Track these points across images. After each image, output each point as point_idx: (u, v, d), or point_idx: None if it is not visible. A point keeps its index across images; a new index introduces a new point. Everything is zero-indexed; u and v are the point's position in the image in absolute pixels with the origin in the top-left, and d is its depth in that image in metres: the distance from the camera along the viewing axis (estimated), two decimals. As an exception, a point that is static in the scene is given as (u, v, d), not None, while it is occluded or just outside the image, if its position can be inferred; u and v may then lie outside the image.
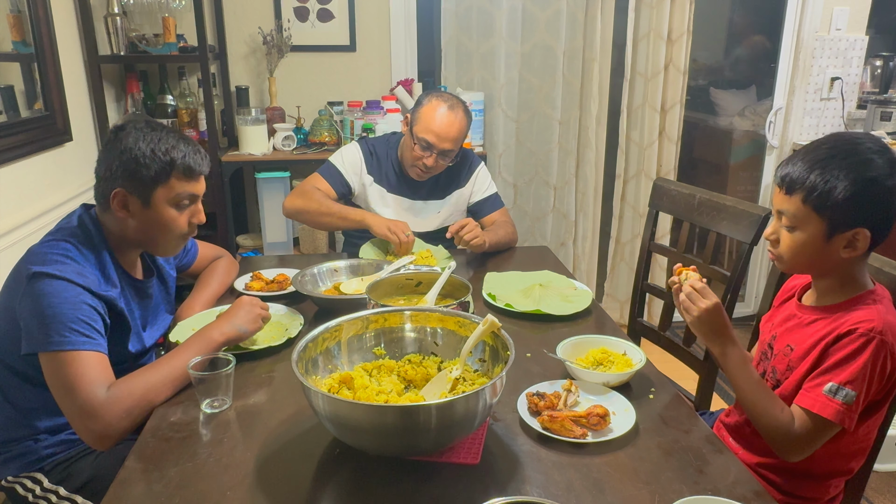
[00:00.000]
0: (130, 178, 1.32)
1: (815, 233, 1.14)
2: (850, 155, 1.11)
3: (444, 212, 2.22)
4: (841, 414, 1.10)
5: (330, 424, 1.03)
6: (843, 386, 1.10)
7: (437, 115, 2.02)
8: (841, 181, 1.09)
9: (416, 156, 2.05)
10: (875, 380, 1.11)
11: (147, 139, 1.33)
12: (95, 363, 1.21)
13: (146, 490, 1.01)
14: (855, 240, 1.12)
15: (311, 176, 2.17)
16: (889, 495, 2.24)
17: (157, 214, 1.36)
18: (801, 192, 1.12)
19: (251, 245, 3.01)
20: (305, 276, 1.74)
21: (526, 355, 1.42)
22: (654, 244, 2.00)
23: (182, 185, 1.37)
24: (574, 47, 3.12)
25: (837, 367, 1.11)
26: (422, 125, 2.03)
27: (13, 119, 2.06)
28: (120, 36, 2.62)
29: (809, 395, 1.14)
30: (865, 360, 1.09)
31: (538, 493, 1.00)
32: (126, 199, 1.34)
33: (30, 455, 1.36)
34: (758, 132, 3.66)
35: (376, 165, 2.18)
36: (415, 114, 2.07)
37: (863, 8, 3.25)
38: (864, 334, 1.10)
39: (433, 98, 2.06)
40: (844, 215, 1.10)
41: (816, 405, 1.12)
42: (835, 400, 1.10)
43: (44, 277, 1.23)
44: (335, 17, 3.02)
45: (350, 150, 2.20)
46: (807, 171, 1.12)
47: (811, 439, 1.14)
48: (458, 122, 2.04)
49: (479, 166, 2.27)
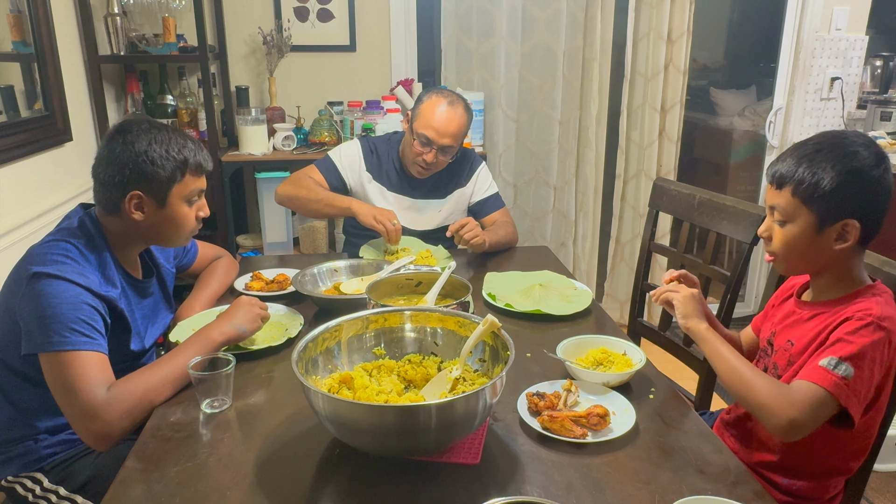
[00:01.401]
0: (147, 180, 1.33)
1: (806, 226, 1.15)
2: (835, 148, 1.13)
3: (445, 210, 2.22)
4: (838, 387, 1.07)
5: (330, 424, 1.03)
6: (842, 360, 1.09)
7: (437, 111, 2.02)
8: (827, 172, 1.11)
9: (417, 152, 2.06)
10: (876, 367, 1.11)
11: (158, 141, 1.34)
12: (95, 363, 1.21)
13: (146, 490, 1.01)
14: (845, 231, 1.14)
15: (307, 167, 2.18)
16: (889, 495, 2.24)
17: (171, 213, 1.38)
18: (790, 186, 1.15)
19: (251, 245, 3.02)
20: (305, 276, 1.75)
21: (526, 355, 1.42)
22: (654, 244, 2.00)
23: (194, 181, 1.40)
24: (574, 47, 3.12)
25: (836, 344, 1.11)
26: (422, 121, 2.04)
27: (13, 119, 2.06)
28: (120, 36, 2.62)
29: (807, 369, 1.12)
30: (865, 343, 1.09)
31: (538, 493, 1.00)
32: (142, 202, 1.35)
33: (30, 455, 1.36)
34: (758, 132, 3.66)
35: (376, 163, 2.18)
36: (415, 110, 2.08)
37: (863, 8, 3.25)
38: (863, 318, 1.11)
39: (433, 94, 2.07)
40: (832, 206, 1.12)
41: (814, 375, 1.09)
42: (833, 372, 1.08)
43: (44, 277, 1.23)
44: (335, 17, 3.02)
45: (350, 146, 2.21)
46: (795, 166, 1.15)
47: (809, 412, 1.08)
48: (457, 118, 2.04)
49: (480, 166, 2.27)
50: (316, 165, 2.17)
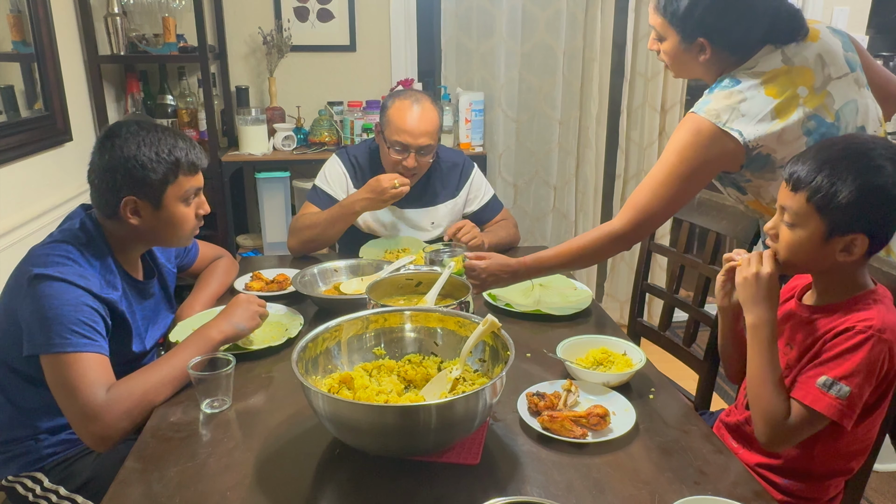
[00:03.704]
0: (139, 184, 1.32)
1: (814, 232, 1.13)
2: (860, 159, 1.10)
3: (437, 221, 2.18)
4: (834, 409, 1.09)
5: (330, 424, 1.03)
6: (837, 380, 1.09)
7: (405, 114, 1.97)
8: (847, 185, 1.08)
9: (395, 160, 2.00)
10: (873, 379, 1.11)
11: (147, 143, 1.32)
12: (96, 365, 1.21)
13: (146, 490, 1.01)
14: (852, 245, 1.12)
15: (302, 206, 2.13)
16: (889, 495, 2.24)
17: (168, 214, 1.37)
18: (806, 191, 1.12)
19: (251, 245, 3.02)
20: (305, 276, 1.75)
21: (526, 355, 1.42)
22: (654, 244, 2.00)
23: (188, 180, 1.38)
24: (574, 47, 3.12)
25: (832, 361, 1.11)
26: (392, 128, 1.98)
27: (13, 119, 2.06)
28: (120, 36, 2.62)
29: (803, 387, 1.13)
30: (862, 358, 1.09)
31: (538, 493, 1.00)
32: (137, 206, 1.34)
33: (30, 455, 1.36)
34: (758, 132, 3.65)
35: (361, 176, 2.12)
36: (382, 119, 2.03)
37: (863, 8, 3.25)
38: (863, 331, 1.10)
39: (396, 99, 2.01)
40: (845, 219, 1.10)
41: (808, 397, 1.11)
42: (828, 394, 1.09)
43: (45, 279, 1.23)
44: (335, 17, 3.02)
45: (332, 166, 2.15)
46: (815, 171, 1.11)
47: (798, 430, 1.12)
48: (426, 114, 1.98)
49: (472, 173, 2.22)
50: (308, 199, 2.12)
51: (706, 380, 1.74)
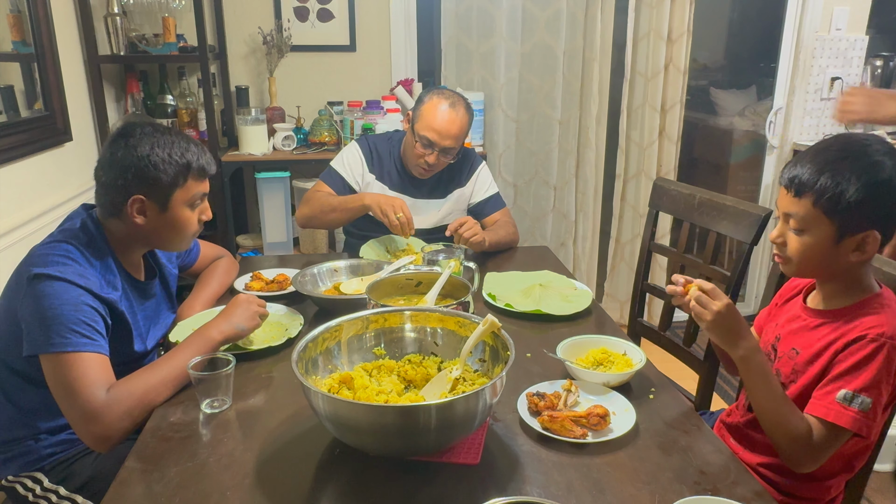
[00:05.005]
0: (149, 184, 1.33)
1: (825, 236, 1.13)
2: (860, 157, 1.10)
3: (444, 210, 2.22)
4: (858, 422, 1.08)
5: (330, 424, 1.03)
6: (859, 393, 1.08)
7: (439, 113, 2.02)
8: (852, 184, 1.08)
9: (418, 153, 2.05)
10: (890, 386, 1.11)
11: (161, 144, 1.33)
12: (96, 365, 1.21)
13: (146, 490, 1.01)
14: (865, 242, 1.11)
15: (315, 183, 2.18)
16: (889, 495, 2.24)
17: (173, 217, 1.38)
18: (812, 195, 1.11)
19: (251, 245, 3.01)
20: (305, 276, 1.75)
21: (526, 355, 1.42)
22: (655, 244, 2.00)
23: (196, 185, 1.40)
24: (574, 47, 3.12)
25: (849, 374, 1.10)
26: (423, 123, 2.03)
27: (13, 119, 2.06)
28: (120, 36, 2.62)
29: (822, 403, 1.12)
30: (879, 367, 1.08)
31: (538, 493, 1.00)
32: (144, 206, 1.35)
33: (30, 455, 1.36)
34: (758, 132, 3.66)
35: (378, 163, 2.18)
36: (416, 111, 2.08)
37: (863, 8, 3.25)
38: (875, 339, 1.09)
39: (434, 95, 2.06)
40: (855, 218, 1.10)
41: (831, 414, 1.10)
42: (850, 408, 1.08)
43: (45, 279, 1.23)
44: (335, 17, 3.02)
45: (350, 150, 2.21)
46: (816, 174, 1.11)
47: (825, 448, 1.12)
48: (459, 119, 2.04)
49: (480, 166, 2.27)
50: (322, 179, 2.17)
51: (706, 380, 1.74)
